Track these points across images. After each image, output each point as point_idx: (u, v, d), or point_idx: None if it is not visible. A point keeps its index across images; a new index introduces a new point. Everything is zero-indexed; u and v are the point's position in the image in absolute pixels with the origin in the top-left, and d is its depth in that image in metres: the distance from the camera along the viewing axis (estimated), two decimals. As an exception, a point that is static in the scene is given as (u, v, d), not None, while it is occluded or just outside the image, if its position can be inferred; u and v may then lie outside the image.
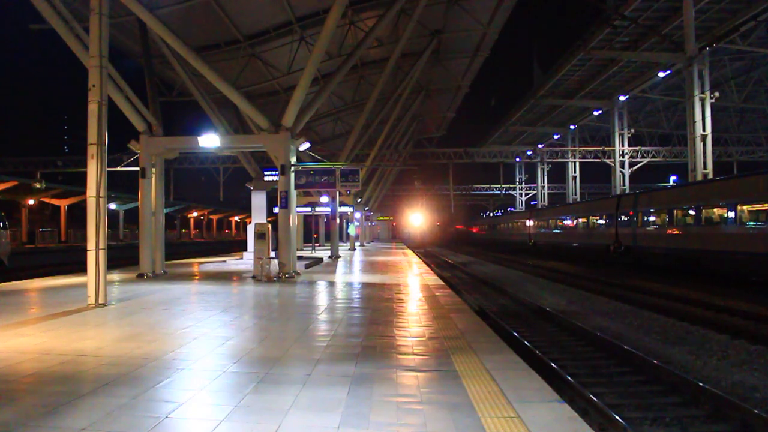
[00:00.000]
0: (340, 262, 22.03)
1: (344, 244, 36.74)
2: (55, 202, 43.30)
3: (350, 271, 17.47)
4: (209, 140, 14.56)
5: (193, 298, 10.36)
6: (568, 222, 31.98)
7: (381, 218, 71.18)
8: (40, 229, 41.16)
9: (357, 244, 40.67)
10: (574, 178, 46.79)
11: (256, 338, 6.57)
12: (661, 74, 29.26)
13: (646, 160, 41.76)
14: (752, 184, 15.75)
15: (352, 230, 30.18)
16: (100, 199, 9.10)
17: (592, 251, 26.94)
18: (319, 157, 21.97)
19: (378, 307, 9.21)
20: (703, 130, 24.66)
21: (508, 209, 68.58)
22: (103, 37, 9.33)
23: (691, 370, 7.51)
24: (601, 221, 26.71)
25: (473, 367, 5.05)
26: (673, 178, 55.99)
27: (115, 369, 5.02)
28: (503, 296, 15.56)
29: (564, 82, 36.93)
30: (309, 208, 28.63)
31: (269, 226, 14.19)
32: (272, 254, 14.49)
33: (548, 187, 56.49)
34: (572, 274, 21.64)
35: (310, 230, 35.86)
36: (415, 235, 76.86)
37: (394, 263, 21.53)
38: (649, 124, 43.60)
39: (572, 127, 46.82)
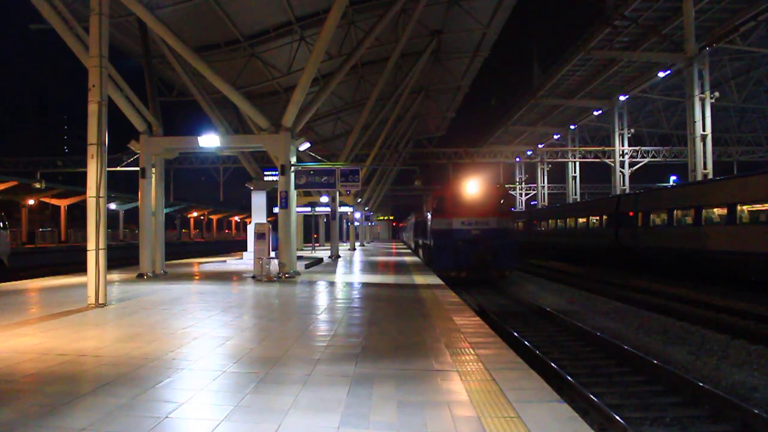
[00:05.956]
0: (340, 262, 22.03)
1: (344, 244, 36.75)
2: (55, 202, 43.28)
3: (350, 271, 17.47)
4: (209, 140, 14.57)
5: (193, 298, 10.35)
6: (568, 222, 31.96)
7: (381, 218, 71.24)
8: (40, 229, 41.20)
9: (357, 244, 40.66)
10: (574, 178, 46.78)
11: (256, 338, 6.57)
12: (661, 74, 29.28)
13: (646, 160, 41.79)
14: (752, 183, 15.78)
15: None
16: (100, 199, 9.10)
17: (592, 251, 26.94)
18: (319, 157, 21.97)
19: (378, 306, 9.22)
20: (703, 130, 24.65)
21: (508, 209, 68.36)
22: (103, 37, 9.33)
23: (691, 370, 7.51)
24: (602, 221, 26.70)
25: (473, 367, 5.05)
26: (673, 178, 55.98)
27: (115, 369, 5.02)
28: (503, 296, 15.56)
29: (564, 82, 36.90)
30: (309, 208, 28.66)
31: (269, 226, 14.20)
32: (272, 254, 14.49)
33: (548, 187, 56.46)
34: (572, 273, 21.65)
35: (310, 230, 35.85)
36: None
37: (393, 263, 21.53)
38: (649, 124, 43.61)
39: (572, 127, 46.79)
